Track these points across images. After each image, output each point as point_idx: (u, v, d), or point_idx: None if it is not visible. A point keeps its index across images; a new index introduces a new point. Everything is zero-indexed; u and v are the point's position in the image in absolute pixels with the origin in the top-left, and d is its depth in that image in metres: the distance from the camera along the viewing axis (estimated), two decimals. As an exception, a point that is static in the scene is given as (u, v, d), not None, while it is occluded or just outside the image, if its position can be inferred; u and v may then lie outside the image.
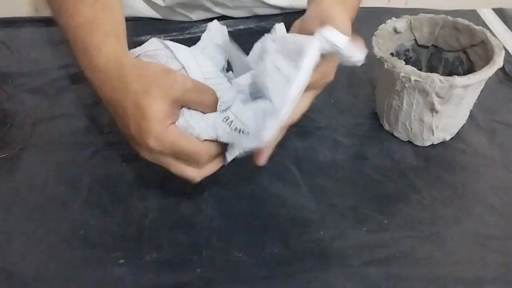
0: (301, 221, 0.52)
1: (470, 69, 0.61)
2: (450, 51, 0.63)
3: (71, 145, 0.60)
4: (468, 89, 0.54)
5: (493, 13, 0.83)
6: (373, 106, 0.65)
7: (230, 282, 0.47)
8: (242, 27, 0.79)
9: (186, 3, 0.77)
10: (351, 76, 0.70)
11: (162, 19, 0.80)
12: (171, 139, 0.43)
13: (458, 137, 0.61)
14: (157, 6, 0.78)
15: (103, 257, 0.48)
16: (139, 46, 0.46)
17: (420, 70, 0.54)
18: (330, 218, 0.52)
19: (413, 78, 0.53)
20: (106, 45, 0.45)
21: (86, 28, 0.46)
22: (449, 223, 0.52)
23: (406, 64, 0.54)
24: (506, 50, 0.70)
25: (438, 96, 0.54)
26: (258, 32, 0.50)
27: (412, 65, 0.55)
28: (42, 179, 0.56)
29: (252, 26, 0.79)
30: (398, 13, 0.65)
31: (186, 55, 0.45)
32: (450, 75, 0.53)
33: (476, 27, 0.60)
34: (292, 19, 0.51)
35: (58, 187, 0.55)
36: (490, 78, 0.55)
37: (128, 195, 0.54)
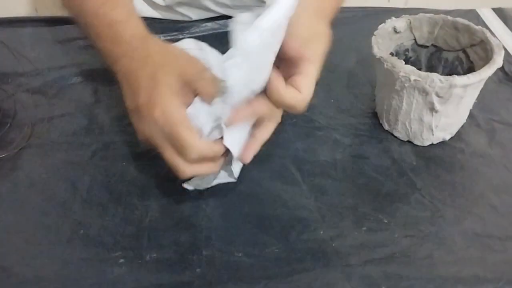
0: (301, 220, 0.52)
1: (470, 68, 0.61)
2: (450, 51, 0.63)
3: (71, 145, 0.60)
4: (467, 88, 0.54)
5: (492, 12, 0.83)
6: (372, 106, 0.65)
7: (230, 282, 0.47)
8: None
9: (186, 3, 0.77)
10: (351, 76, 0.70)
11: (162, 19, 0.80)
12: (175, 119, 0.43)
13: (457, 136, 0.61)
14: (157, 5, 0.78)
15: (103, 256, 0.48)
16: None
17: (419, 69, 0.54)
18: (330, 217, 0.52)
19: (412, 77, 0.53)
20: (131, 20, 0.48)
21: (108, 5, 0.48)
22: (448, 223, 0.52)
23: (405, 64, 0.54)
24: (505, 50, 0.70)
25: (437, 95, 0.54)
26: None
27: (411, 65, 0.55)
28: (42, 179, 0.56)
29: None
30: (397, 12, 0.65)
31: (217, 62, 0.45)
32: (450, 75, 0.53)
33: (475, 27, 0.60)
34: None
35: (58, 187, 0.55)
36: (489, 78, 0.55)
37: (128, 195, 0.54)
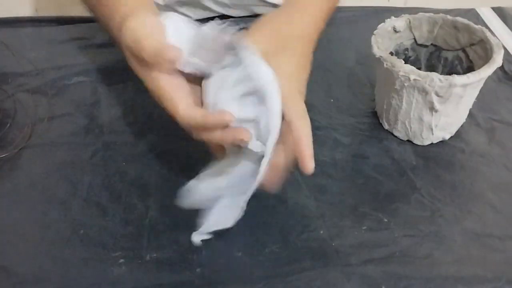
0: (301, 220, 0.52)
1: (470, 68, 0.61)
2: (450, 50, 0.63)
3: (71, 145, 0.60)
4: (467, 88, 0.54)
5: (492, 12, 0.83)
6: (372, 105, 0.65)
7: (230, 281, 0.47)
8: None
9: (186, 2, 0.77)
10: (351, 75, 0.70)
11: (162, 19, 0.80)
12: (157, 86, 0.43)
13: (457, 136, 0.61)
14: (157, 5, 0.78)
15: (103, 256, 0.48)
16: None
17: (419, 69, 0.54)
18: (329, 217, 0.52)
19: (412, 77, 0.53)
20: None
21: None
22: (448, 222, 0.52)
23: (405, 63, 0.54)
24: (505, 49, 0.70)
25: (437, 95, 0.54)
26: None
27: (411, 64, 0.55)
28: (42, 179, 0.56)
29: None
30: (397, 12, 0.65)
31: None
32: (450, 74, 0.53)
33: (475, 26, 0.60)
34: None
35: (58, 187, 0.55)
36: (489, 77, 0.55)
37: (128, 195, 0.54)
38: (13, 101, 0.65)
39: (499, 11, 0.83)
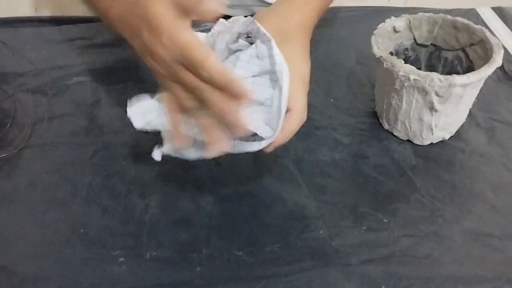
0: (301, 220, 0.52)
1: (469, 68, 0.61)
2: (449, 50, 0.63)
3: (71, 144, 0.60)
4: (467, 88, 0.54)
5: (492, 12, 0.83)
6: (372, 105, 0.65)
7: (230, 281, 0.47)
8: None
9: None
10: (351, 75, 0.70)
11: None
12: (184, 40, 0.41)
13: (457, 136, 0.61)
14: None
15: (103, 255, 0.48)
16: None
17: (419, 69, 0.54)
18: (329, 217, 0.52)
19: (412, 77, 0.53)
20: None
21: None
22: (448, 222, 0.52)
23: (405, 63, 0.54)
24: (505, 49, 0.70)
25: (437, 95, 0.54)
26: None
27: (411, 64, 0.55)
28: (42, 179, 0.56)
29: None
30: (397, 12, 0.65)
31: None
32: (449, 74, 0.53)
33: (475, 26, 0.60)
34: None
35: (58, 187, 0.55)
36: (489, 77, 0.55)
37: (128, 194, 0.54)
38: (13, 101, 0.65)
39: (499, 11, 0.83)
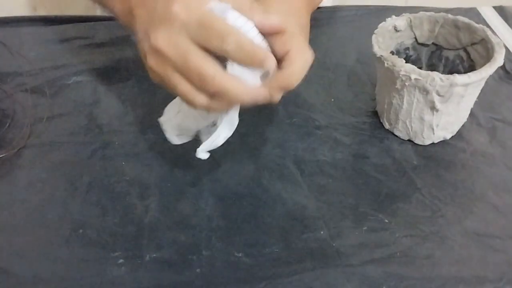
0: (301, 220, 0.52)
1: (471, 67, 0.60)
2: (451, 49, 0.63)
3: (70, 144, 0.60)
4: (468, 87, 0.54)
5: (493, 11, 0.83)
6: (373, 104, 0.65)
7: (230, 282, 0.47)
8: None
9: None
10: (351, 74, 0.70)
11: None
12: (204, 11, 0.39)
13: (458, 135, 0.61)
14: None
15: (103, 256, 0.48)
16: None
17: (420, 68, 0.54)
18: (330, 217, 0.52)
19: (413, 76, 0.53)
20: None
21: None
22: (449, 222, 0.52)
23: (406, 62, 0.54)
24: (506, 48, 0.70)
25: (438, 94, 0.54)
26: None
27: (412, 63, 0.54)
28: (41, 179, 0.56)
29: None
30: (398, 11, 0.65)
31: None
32: (451, 74, 0.53)
33: (476, 25, 0.60)
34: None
35: (57, 187, 0.55)
36: (490, 76, 0.54)
37: (127, 195, 0.54)
38: (12, 101, 0.65)
39: (500, 10, 0.82)
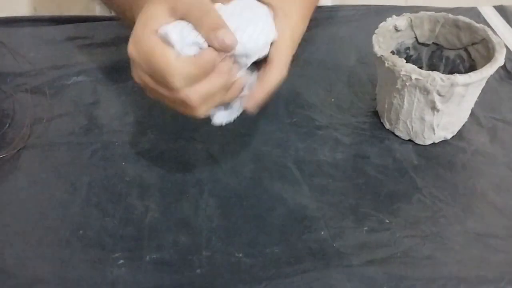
0: (301, 220, 0.52)
1: (471, 67, 0.60)
2: (451, 49, 0.63)
3: (70, 145, 0.60)
4: (469, 87, 0.54)
5: (494, 10, 0.83)
6: (373, 104, 0.64)
7: (230, 282, 0.46)
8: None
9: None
10: (352, 74, 0.70)
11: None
12: (146, 47, 0.41)
13: (459, 135, 0.61)
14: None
15: (103, 257, 0.48)
16: None
17: (421, 68, 0.54)
18: (330, 217, 0.52)
19: (414, 76, 0.53)
20: None
21: None
22: (450, 222, 0.51)
23: (406, 62, 0.54)
24: (507, 48, 0.69)
25: (439, 94, 0.54)
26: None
27: (412, 63, 0.54)
28: (41, 179, 0.56)
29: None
30: (398, 10, 0.65)
31: None
32: (451, 73, 0.53)
33: (477, 25, 0.59)
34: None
35: (57, 187, 0.55)
36: (491, 76, 0.54)
37: (127, 195, 0.54)
38: (11, 101, 0.65)
39: (501, 10, 0.82)
